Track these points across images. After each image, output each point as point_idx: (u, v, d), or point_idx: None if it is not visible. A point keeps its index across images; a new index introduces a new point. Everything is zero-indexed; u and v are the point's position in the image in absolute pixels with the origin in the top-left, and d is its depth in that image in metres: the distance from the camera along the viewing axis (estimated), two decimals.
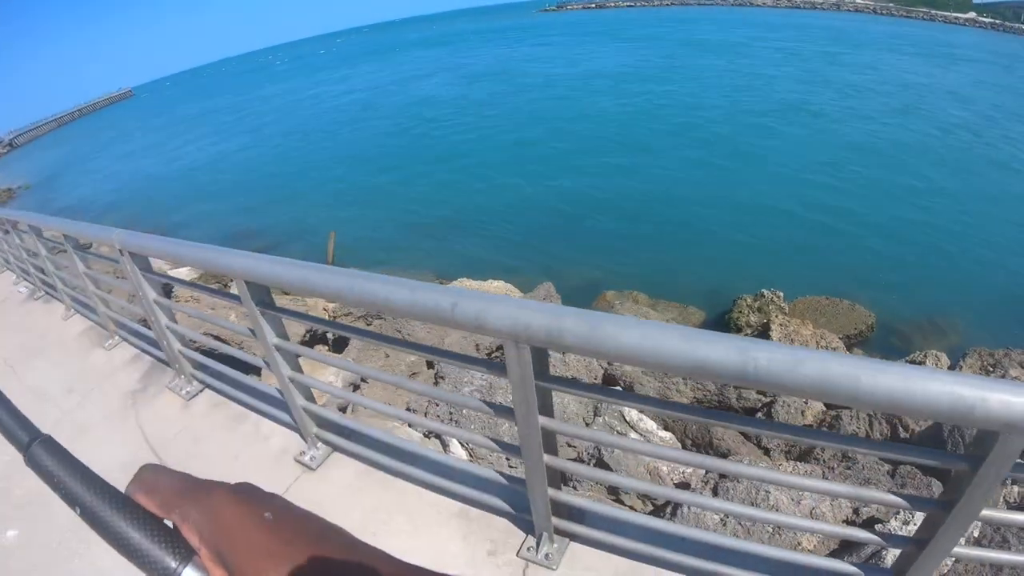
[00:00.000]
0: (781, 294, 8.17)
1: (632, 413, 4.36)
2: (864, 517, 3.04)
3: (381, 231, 13.94)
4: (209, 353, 2.96)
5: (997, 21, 62.80)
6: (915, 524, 2.60)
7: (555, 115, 23.46)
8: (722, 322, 8.32)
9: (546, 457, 1.51)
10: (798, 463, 3.81)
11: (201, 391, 3.00)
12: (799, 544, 2.82)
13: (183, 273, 7.77)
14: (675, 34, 51.57)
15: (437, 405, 4.15)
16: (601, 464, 3.77)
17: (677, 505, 3.07)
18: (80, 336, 4.00)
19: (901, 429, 4.51)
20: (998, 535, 2.51)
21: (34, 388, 3.43)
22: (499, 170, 17.24)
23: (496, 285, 8.24)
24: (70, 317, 4.29)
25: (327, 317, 6.73)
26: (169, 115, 51.26)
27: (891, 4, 75.34)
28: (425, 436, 3.54)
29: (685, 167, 15.99)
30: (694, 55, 36.92)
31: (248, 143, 28.24)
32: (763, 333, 6.88)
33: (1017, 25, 60.02)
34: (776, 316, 7.14)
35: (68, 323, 4.26)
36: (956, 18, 65.51)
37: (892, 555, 2.28)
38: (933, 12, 68.76)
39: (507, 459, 3.56)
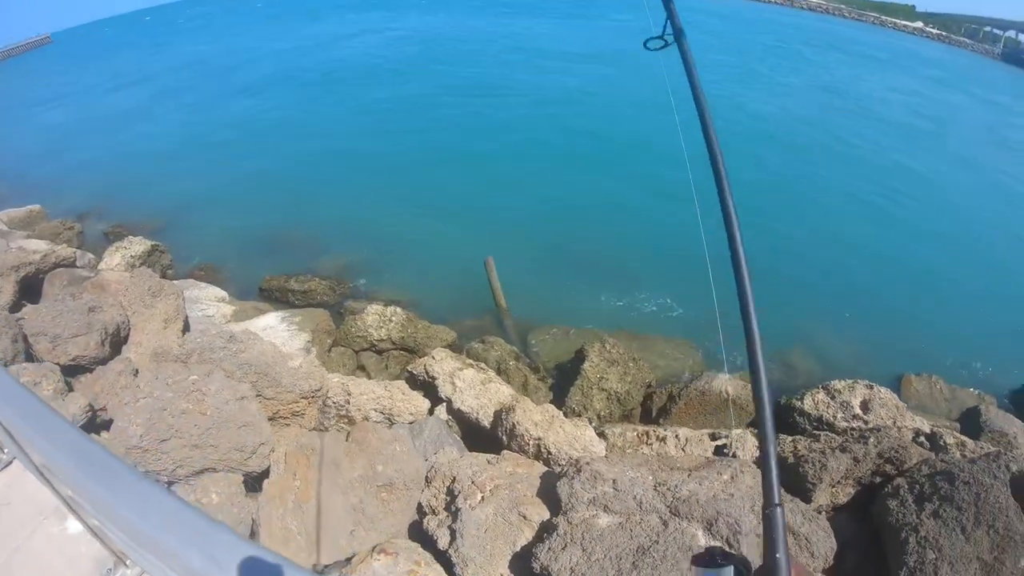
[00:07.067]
0: None
1: None
2: None
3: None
4: None
5: (943, 33, 64.93)
6: None
7: None
8: None
9: None
10: None
11: None
12: None
13: None
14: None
15: None
16: None
17: None
18: None
19: None
20: None
21: None
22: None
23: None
24: None
25: None
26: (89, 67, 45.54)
27: (842, 5, 76.20)
28: None
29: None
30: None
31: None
32: None
33: (961, 39, 62.43)
34: None
35: None
36: (904, 26, 67.46)
37: None
38: (883, 18, 70.38)
39: None
